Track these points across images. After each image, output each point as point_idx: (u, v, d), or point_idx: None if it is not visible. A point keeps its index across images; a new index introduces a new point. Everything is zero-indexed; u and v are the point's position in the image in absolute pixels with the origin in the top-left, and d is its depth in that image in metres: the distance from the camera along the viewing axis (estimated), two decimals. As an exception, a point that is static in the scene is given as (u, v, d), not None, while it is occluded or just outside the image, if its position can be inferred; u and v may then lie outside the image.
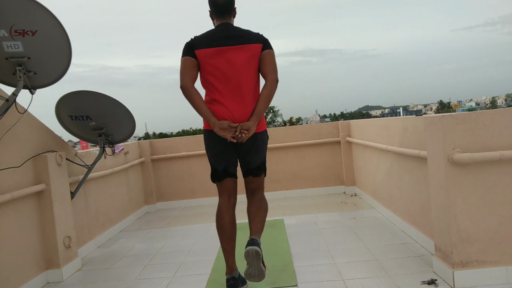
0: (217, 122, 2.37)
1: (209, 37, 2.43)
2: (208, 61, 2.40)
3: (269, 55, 2.46)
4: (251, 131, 2.40)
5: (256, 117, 2.41)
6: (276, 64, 2.49)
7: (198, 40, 2.43)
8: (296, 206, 5.03)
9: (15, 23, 2.53)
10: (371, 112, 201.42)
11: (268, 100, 2.43)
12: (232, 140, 2.39)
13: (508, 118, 2.31)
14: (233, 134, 2.37)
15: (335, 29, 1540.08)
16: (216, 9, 2.48)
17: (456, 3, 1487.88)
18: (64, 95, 3.27)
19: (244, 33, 2.46)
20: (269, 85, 2.44)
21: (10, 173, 2.82)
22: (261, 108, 2.42)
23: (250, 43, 2.42)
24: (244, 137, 2.38)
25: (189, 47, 2.42)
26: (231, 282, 2.52)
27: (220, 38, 2.41)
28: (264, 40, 2.47)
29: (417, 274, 2.62)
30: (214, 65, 2.40)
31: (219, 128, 2.37)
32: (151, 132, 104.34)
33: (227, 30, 2.46)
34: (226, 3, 2.46)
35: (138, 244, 3.99)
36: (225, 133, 2.37)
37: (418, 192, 3.13)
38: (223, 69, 2.39)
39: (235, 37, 2.42)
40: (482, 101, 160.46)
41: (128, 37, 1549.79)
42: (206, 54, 2.40)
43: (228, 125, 2.35)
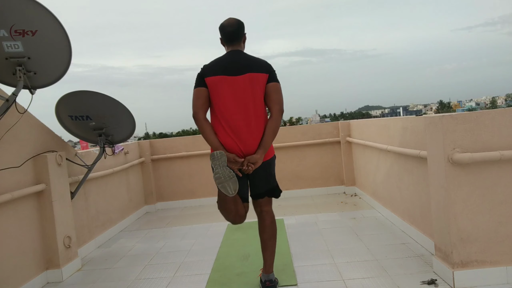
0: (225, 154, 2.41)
1: (218, 65, 2.48)
2: (216, 89, 2.44)
3: (274, 89, 2.48)
4: (257, 164, 2.44)
5: (263, 150, 2.44)
6: (282, 96, 2.52)
7: (208, 68, 2.48)
8: (296, 206, 5.03)
9: (15, 23, 2.52)
10: (371, 112, 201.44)
11: (274, 133, 2.47)
12: (238, 174, 2.44)
13: (508, 118, 2.31)
14: (240, 167, 2.43)
15: (335, 29, 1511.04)
16: (225, 36, 2.53)
17: (456, 3, 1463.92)
18: (64, 95, 3.27)
19: (252, 61, 2.49)
20: (275, 117, 2.47)
21: (10, 173, 2.82)
22: (267, 141, 2.46)
23: (256, 71, 2.44)
24: (251, 170, 2.43)
25: (200, 77, 2.47)
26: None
27: (227, 67, 2.45)
28: (270, 71, 2.50)
29: (417, 274, 2.62)
30: (221, 94, 2.44)
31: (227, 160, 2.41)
32: (151, 132, 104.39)
33: (235, 58, 2.49)
34: (235, 30, 2.51)
35: (138, 244, 3.99)
36: (232, 165, 2.41)
37: (418, 192, 3.13)
38: (230, 98, 2.43)
39: (243, 66, 2.45)
40: (482, 101, 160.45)
41: (128, 37, 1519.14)
42: (215, 81, 2.44)
43: (234, 159, 2.40)
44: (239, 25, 2.52)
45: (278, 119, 2.48)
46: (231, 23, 2.51)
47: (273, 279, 2.59)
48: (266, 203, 2.64)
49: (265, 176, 2.56)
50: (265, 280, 2.58)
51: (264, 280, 2.58)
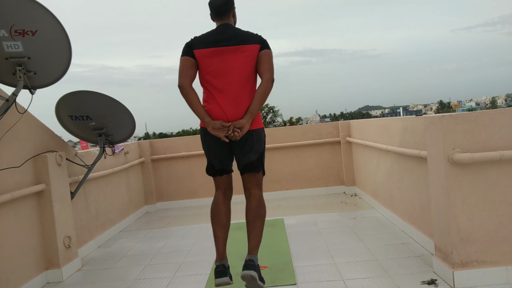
0: (210, 121, 2.43)
1: (208, 38, 2.48)
2: (206, 61, 2.45)
3: (266, 55, 2.49)
4: (244, 129, 2.42)
5: (249, 115, 2.44)
6: (272, 64, 2.52)
7: (197, 40, 2.49)
8: (296, 206, 5.03)
9: (15, 23, 2.53)
10: (371, 112, 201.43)
11: (262, 98, 2.46)
12: (225, 140, 2.44)
13: (508, 118, 2.31)
14: (226, 133, 2.42)
15: (334, 29, 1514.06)
16: (214, 11, 2.56)
17: (456, 3, 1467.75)
18: (64, 95, 3.27)
19: (242, 33, 2.50)
20: (264, 84, 2.47)
21: (10, 173, 2.82)
22: (255, 106, 2.44)
23: (248, 43, 2.46)
24: (237, 136, 2.42)
25: (188, 47, 2.48)
26: (220, 268, 2.45)
27: (218, 39, 2.46)
28: (262, 41, 2.50)
29: (417, 274, 2.62)
30: (211, 65, 2.45)
31: (212, 127, 2.42)
32: (151, 132, 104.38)
33: (225, 31, 2.50)
34: (222, 4, 2.52)
35: (138, 244, 3.99)
36: (218, 132, 2.42)
37: (418, 192, 3.13)
38: (219, 69, 2.44)
39: (233, 37, 2.46)
40: (482, 101, 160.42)
41: (128, 37, 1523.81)
42: (204, 54, 2.45)
43: (221, 124, 2.40)
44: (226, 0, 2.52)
45: (268, 86, 2.46)
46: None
47: (255, 260, 2.43)
48: (253, 185, 2.59)
49: (251, 146, 2.51)
50: (247, 260, 2.42)
51: (245, 260, 2.43)
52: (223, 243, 2.58)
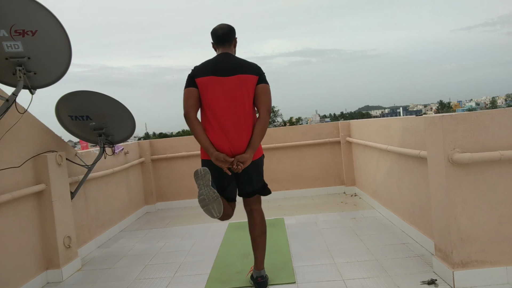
0: (214, 152, 2.47)
1: (208, 67, 2.53)
2: (206, 89, 2.49)
3: (263, 90, 2.53)
4: (247, 163, 2.48)
5: (251, 149, 2.49)
6: (270, 98, 2.57)
7: (198, 69, 2.54)
8: (296, 206, 5.03)
9: (15, 23, 2.53)
10: (371, 112, 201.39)
11: (262, 133, 2.53)
12: (228, 172, 2.48)
13: (508, 118, 2.31)
14: (229, 166, 2.47)
15: (334, 29, 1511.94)
16: (216, 39, 2.61)
17: (456, 3, 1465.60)
18: (64, 95, 3.27)
19: (241, 63, 2.55)
20: (262, 117, 2.53)
21: (10, 173, 2.82)
22: (256, 141, 2.51)
23: (246, 73, 2.50)
24: (240, 169, 2.48)
25: (191, 78, 2.53)
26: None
27: (218, 68, 2.50)
28: (259, 73, 2.55)
29: (417, 274, 2.62)
30: (211, 94, 2.49)
31: (216, 158, 2.46)
32: (151, 132, 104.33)
33: (225, 60, 2.55)
34: (225, 33, 2.58)
35: (138, 244, 3.99)
36: (221, 164, 2.46)
37: (418, 192, 3.13)
38: (219, 99, 2.48)
39: (233, 67, 2.51)
40: (482, 101, 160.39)
41: (128, 37, 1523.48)
42: (205, 81, 2.49)
43: (224, 158, 2.44)
44: (230, 29, 2.60)
45: (266, 120, 2.54)
46: (222, 26, 2.59)
47: (264, 275, 2.66)
48: (255, 202, 2.71)
49: (254, 175, 2.62)
50: (257, 276, 2.64)
51: (256, 276, 2.65)
52: None
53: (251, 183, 2.62)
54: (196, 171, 2.41)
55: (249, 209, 2.72)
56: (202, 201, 2.38)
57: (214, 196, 2.37)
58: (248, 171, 2.55)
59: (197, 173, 2.40)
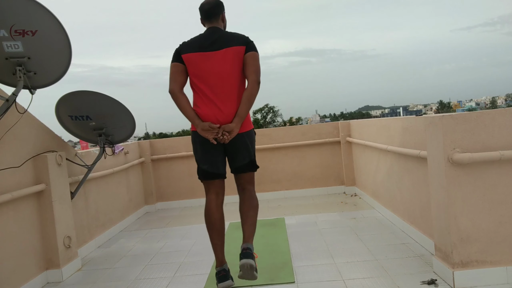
0: (200, 123, 2.47)
1: (195, 42, 2.54)
2: (194, 65, 2.50)
3: (251, 58, 2.52)
4: (233, 133, 2.47)
5: (238, 118, 2.48)
6: (259, 66, 2.54)
7: (185, 45, 2.55)
8: (296, 206, 5.03)
9: (15, 23, 2.52)
10: (371, 112, 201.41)
11: (249, 102, 2.49)
12: (213, 142, 2.47)
13: (508, 118, 2.31)
14: (215, 135, 2.45)
15: (334, 29, 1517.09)
16: (203, 14, 2.61)
17: (456, 3, 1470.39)
18: (64, 95, 3.27)
19: (227, 36, 2.54)
20: (250, 87, 2.50)
21: (10, 173, 2.82)
22: (243, 109, 2.49)
23: (233, 45, 2.49)
24: (226, 139, 2.46)
25: (177, 53, 2.55)
26: (222, 273, 2.58)
27: (204, 43, 2.51)
28: (247, 42, 2.54)
29: (417, 274, 2.62)
30: (198, 69, 2.49)
31: (201, 129, 2.46)
32: (151, 132, 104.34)
33: (212, 34, 2.54)
34: (212, 7, 2.58)
35: (138, 244, 3.99)
36: (207, 133, 2.46)
37: (418, 192, 3.13)
38: (206, 73, 2.48)
39: (219, 41, 2.51)
40: (482, 101, 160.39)
41: (128, 37, 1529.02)
42: (191, 58, 2.50)
43: (209, 126, 2.44)
44: (217, 3, 2.59)
45: (254, 89, 2.49)
46: (209, 1, 2.58)
47: (250, 247, 2.51)
48: (247, 181, 2.69)
49: (244, 148, 2.58)
50: (243, 248, 2.51)
51: (242, 248, 2.53)
52: (221, 250, 2.64)
53: (240, 156, 2.59)
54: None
55: (240, 188, 2.70)
56: None
57: None
58: (235, 143, 2.53)
59: None
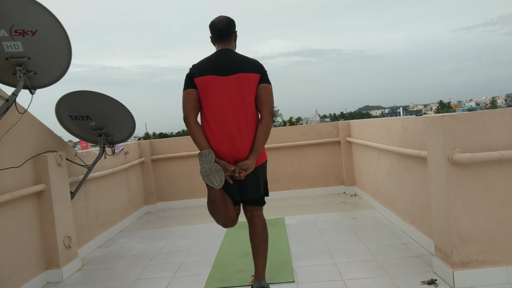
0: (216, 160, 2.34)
1: (206, 65, 2.38)
2: (206, 89, 2.35)
3: (266, 92, 2.38)
4: (249, 170, 2.36)
5: (255, 155, 2.36)
6: (273, 100, 2.41)
7: (196, 68, 2.39)
8: (296, 206, 5.03)
9: (15, 23, 2.52)
10: (371, 112, 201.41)
11: (265, 137, 2.38)
12: (229, 180, 2.36)
13: (508, 118, 2.31)
14: (231, 173, 2.35)
15: (334, 29, 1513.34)
16: (215, 34, 2.44)
17: (456, 3, 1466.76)
18: (64, 95, 3.27)
19: (242, 60, 2.39)
20: (265, 121, 2.38)
21: (10, 173, 2.82)
22: (259, 146, 2.37)
23: (246, 71, 2.34)
24: (243, 176, 2.35)
25: (189, 78, 2.38)
26: None
27: (216, 66, 2.35)
28: (262, 72, 2.39)
29: (417, 274, 2.62)
30: (211, 95, 2.34)
31: None
32: (151, 132, 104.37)
33: (225, 57, 2.40)
34: (225, 27, 2.42)
35: (138, 244, 3.99)
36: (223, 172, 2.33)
37: (418, 192, 3.13)
38: (220, 99, 2.33)
39: (232, 65, 2.35)
40: (482, 101, 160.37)
41: (128, 37, 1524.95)
42: (203, 81, 2.34)
43: (224, 166, 2.33)
44: (229, 22, 2.43)
45: (269, 123, 2.39)
46: (221, 20, 2.42)
47: (265, 286, 2.53)
48: (257, 209, 2.57)
49: (257, 182, 2.48)
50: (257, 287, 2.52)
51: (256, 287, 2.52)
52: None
53: (253, 190, 2.48)
54: (200, 152, 2.32)
55: (249, 215, 2.57)
56: (204, 172, 2.28)
57: (216, 168, 2.27)
58: (250, 177, 2.41)
59: (202, 153, 2.30)
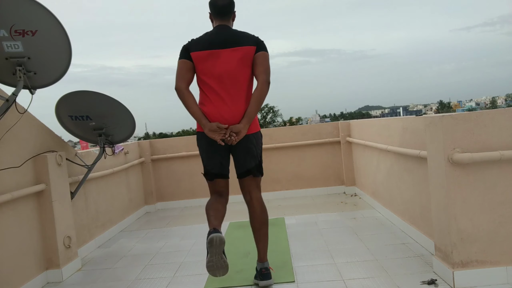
0: (207, 123, 2.40)
1: (205, 40, 2.47)
2: (202, 63, 2.44)
3: (262, 57, 2.46)
4: (241, 134, 2.40)
5: (246, 119, 2.41)
6: (269, 66, 2.48)
7: (194, 42, 2.48)
8: (296, 206, 5.03)
9: (15, 23, 2.52)
10: (371, 112, 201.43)
11: (259, 102, 2.43)
12: (220, 143, 2.40)
13: (508, 118, 2.31)
14: (222, 136, 2.39)
15: (334, 29, 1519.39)
16: (215, 10, 2.53)
17: (455, 3, 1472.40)
18: (64, 95, 3.27)
19: (238, 35, 2.49)
20: (260, 87, 2.43)
21: (10, 173, 2.82)
22: (252, 110, 2.42)
23: (243, 45, 2.45)
24: (234, 140, 2.39)
25: (185, 50, 2.48)
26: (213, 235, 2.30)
27: (215, 41, 2.45)
28: (258, 42, 2.48)
29: (417, 274, 2.62)
30: (207, 67, 2.44)
31: (209, 129, 2.39)
32: (151, 132, 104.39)
33: (222, 32, 2.49)
34: (226, 5, 2.51)
35: (138, 244, 3.99)
36: (214, 135, 2.39)
37: (418, 192, 3.13)
38: (215, 71, 2.43)
39: (230, 39, 2.45)
40: (482, 101, 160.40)
41: (127, 37, 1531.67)
42: (200, 56, 2.44)
43: (217, 126, 2.38)
44: (230, 1, 2.53)
45: (264, 89, 2.42)
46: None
47: (267, 266, 2.62)
48: (254, 188, 2.61)
49: (249, 150, 2.52)
50: (261, 268, 2.61)
51: (260, 268, 2.62)
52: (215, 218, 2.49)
53: (247, 159, 2.53)
54: (211, 238, 2.21)
55: (248, 197, 2.62)
56: (210, 267, 2.22)
57: (223, 265, 2.22)
58: (242, 145, 2.47)
59: (212, 241, 2.21)
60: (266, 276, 2.58)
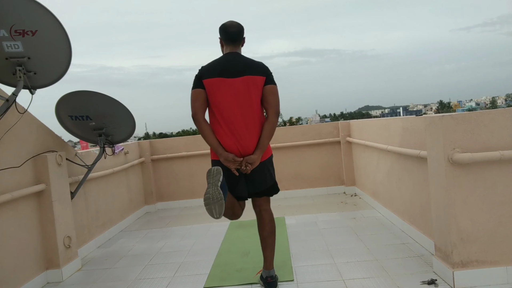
0: (223, 153, 2.48)
1: (216, 67, 2.51)
2: (214, 91, 2.48)
3: (271, 92, 2.53)
4: (255, 164, 2.50)
5: (260, 150, 2.50)
6: (278, 99, 2.57)
7: (205, 70, 2.52)
8: (296, 206, 5.03)
9: (15, 23, 2.53)
10: (371, 112, 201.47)
11: (271, 134, 2.53)
12: (235, 173, 2.50)
13: (508, 118, 2.31)
14: (237, 166, 2.48)
15: (334, 29, 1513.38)
16: (226, 36, 2.56)
17: (455, 3, 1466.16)
18: (64, 95, 3.27)
19: (248, 63, 2.53)
20: (271, 120, 2.53)
21: (10, 173, 2.82)
22: (264, 142, 2.52)
23: (253, 74, 2.48)
24: (248, 170, 2.49)
25: (198, 79, 2.51)
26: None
27: (225, 69, 2.48)
28: (267, 73, 2.53)
29: (417, 274, 2.62)
30: (219, 95, 2.47)
31: (225, 159, 2.48)
32: (151, 132, 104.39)
33: (233, 60, 2.53)
34: (237, 32, 2.55)
35: (138, 244, 3.99)
36: (229, 164, 2.48)
37: (418, 192, 3.13)
38: (227, 102, 2.47)
39: (240, 68, 2.49)
40: (482, 101, 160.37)
41: (127, 37, 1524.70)
42: (212, 83, 2.47)
43: (233, 158, 2.46)
44: (241, 28, 2.58)
45: (274, 121, 2.54)
46: (234, 24, 2.56)
47: (273, 275, 2.65)
48: (264, 202, 2.70)
49: (263, 176, 2.61)
50: (267, 276, 2.64)
51: (266, 276, 2.64)
52: None
53: (260, 183, 2.62)
54: (209, 170, 2.40)
55: (258, 209, 2.70)
56: (207, 199, 2.35)
57: (218, 197, 2.34)
58: (257, 171, 2.55)
59: (210, 171, 2.39)
60: (271, 285, 2.61)
